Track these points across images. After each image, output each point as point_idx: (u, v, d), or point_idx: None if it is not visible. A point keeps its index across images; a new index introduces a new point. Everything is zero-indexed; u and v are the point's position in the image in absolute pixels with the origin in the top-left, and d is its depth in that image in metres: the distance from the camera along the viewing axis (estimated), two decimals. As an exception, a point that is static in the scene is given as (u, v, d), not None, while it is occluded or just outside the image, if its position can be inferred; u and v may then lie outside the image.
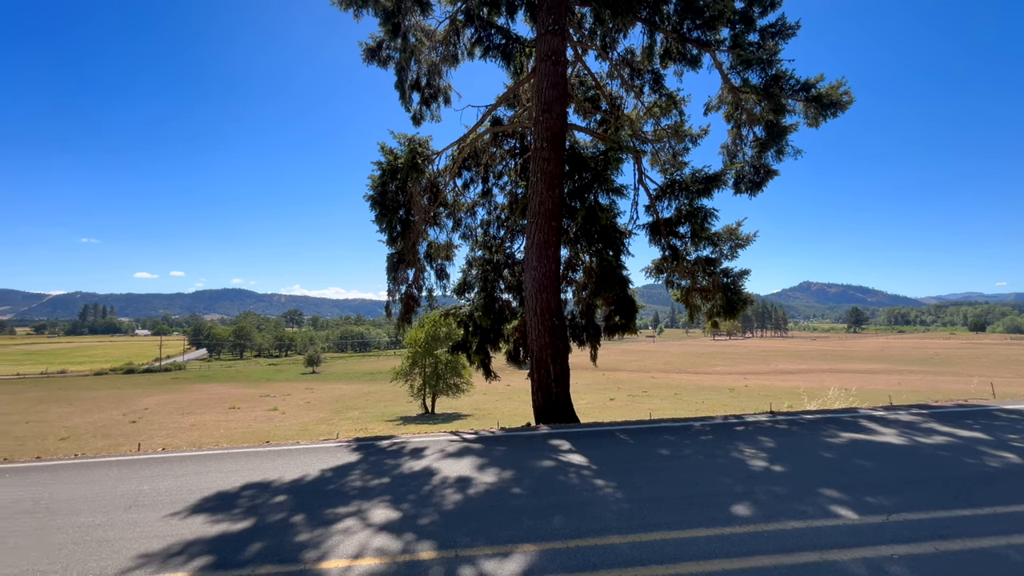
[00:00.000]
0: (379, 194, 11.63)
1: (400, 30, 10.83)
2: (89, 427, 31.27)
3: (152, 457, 7.04)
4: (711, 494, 4.70)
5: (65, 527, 4.41)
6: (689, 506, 4.41)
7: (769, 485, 4.88)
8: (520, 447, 6.68)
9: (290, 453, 6.84)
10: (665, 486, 4.95)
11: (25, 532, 4.36)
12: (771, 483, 4.94)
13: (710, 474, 5.31)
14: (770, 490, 4.74)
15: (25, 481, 6.02)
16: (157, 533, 4.22)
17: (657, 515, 4.22)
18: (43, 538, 4.21)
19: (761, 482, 4.98)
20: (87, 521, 4.55)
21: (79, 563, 3.70)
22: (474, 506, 4.58)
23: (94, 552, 3.87)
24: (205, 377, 75.75)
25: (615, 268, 11.99)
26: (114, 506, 4.92)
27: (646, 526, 4.01)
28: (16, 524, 4.56)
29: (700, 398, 40.13)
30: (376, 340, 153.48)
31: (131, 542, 4.05)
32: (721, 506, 4.39)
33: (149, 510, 4.78)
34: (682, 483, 5.03)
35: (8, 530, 4.41)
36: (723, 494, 4.68)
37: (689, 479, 5.15)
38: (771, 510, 4.27)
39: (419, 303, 12.73)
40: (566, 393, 10.12)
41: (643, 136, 13.04)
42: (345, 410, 37.86)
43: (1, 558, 3.85)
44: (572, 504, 4.55)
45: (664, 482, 5.08)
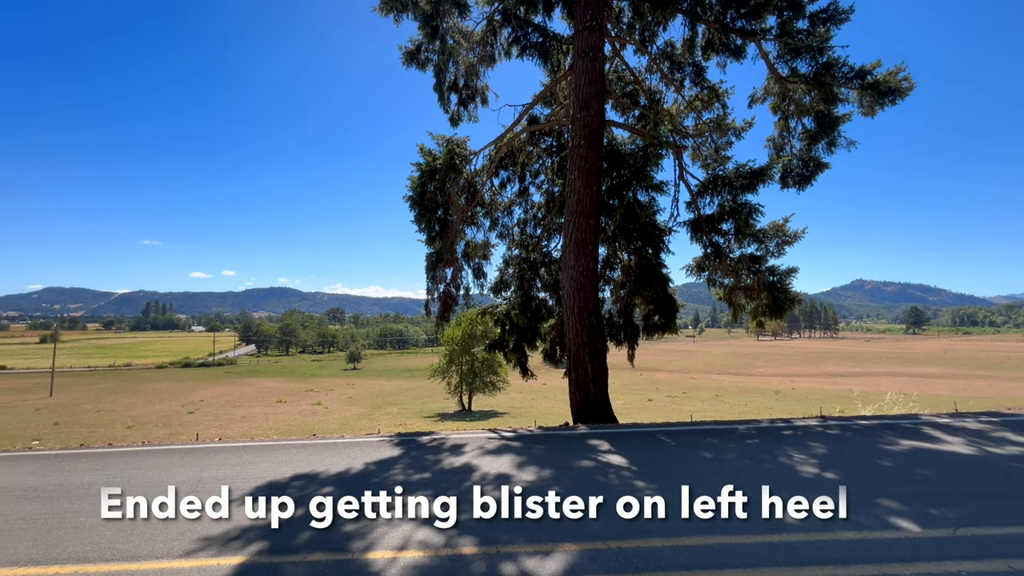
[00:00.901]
0: (418, 195, 11.88)
1: (438, 32, 11.00)
2: (151, 416, 33.48)
3: (210, 446, 7.47)
4: (758, 501, 4.53)
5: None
6: (734, 512, 4.27)
7: (821, 493, 4.67)
8: (559, 446, 6.68)
9: (335, 446, 7.10)
10: (709, 490, 4.81)
11: (100, 513, 4.72)
12: (822, 491, 4.72)
13: (755, 480, 5.12)
14: (822, 499, 4.53)
15: (100, 466, 6.53)
16: (216, 517, 4.47)
17: (700, 521, 4.12)
18: (114, 520, 4.54)
19: (812, 489, 4.77)
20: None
21: (148, 543, 3.98)
22: (513, 504, 4.61)
23: (162, 533, 4.15)
24: (254, 372, 79.51)
25: (654, 266, 11.77)
26: (178, 491, 5.26)
27: (689, 530, 3.92)
28: (91, 505, 4.95)
29: (743, 400, 38.80)
30: (414, 338, 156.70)
31: (193, 525, 4.32)
32: (771, 514, 4.23)
33: (208, 496, 5.08)
34: (726, 488, 4.87)
35: (83, 512, 4.80)
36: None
37: (733, 484, 4.99)
38: (823, 519, 4.08)
39: (457, 301, 12.92)
40: (604, 393, 10.02)
41: (684, 131, 12.71)
42: (385, 406, 38.87)
43: (74, 538, 4.18)
44: (612, 505, 4.50)
45: (708, 486, 4.93)
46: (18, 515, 4.77)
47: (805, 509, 4.29)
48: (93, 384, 59.36)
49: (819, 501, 4.46)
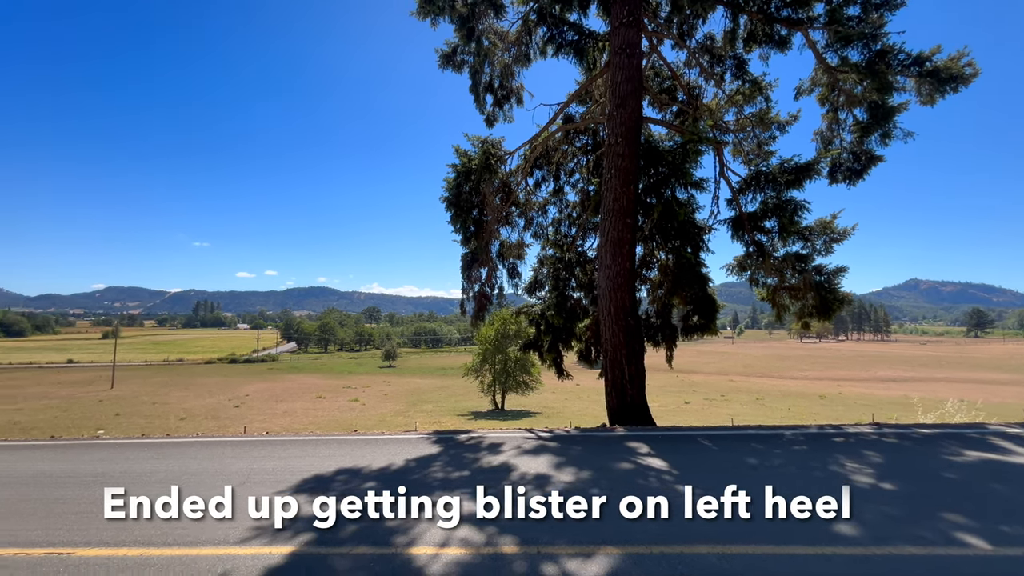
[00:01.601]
0: (454, 195, 12.02)
1: (474, 34, 11.08)
2: (202, 409, 35.26)
3: (258, 439, 7.80)
4: (808, 509, 4.35)
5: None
6: (783, 520, 4.12)
7: (878, 504, 4.44)
8: (597, 448, 6.61)
9: (376, 442, 7.28)
10: (755, 498, 4.66)
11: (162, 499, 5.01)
12: (880, 502, 4.49)
13: (805, 488, 4.91)
14: (879, 510, 4.31)
15: (159, 455, 6.92)
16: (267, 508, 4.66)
17: (748, 528, 3.99)
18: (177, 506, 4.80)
19: (868, 500, 4.55)
20: (210, 493, 5.13)
21: (207, 529, 4.19)
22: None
23: (219, 521, 4.36)
24: (295, 368, 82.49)
25: (693, 265, 11.48)
26: (232, 481, 5.51)
27: (735, 538, 3.81)
28: (155, 491, 5.25)
29: (785, 404, 37.34)
30: (448, 336, 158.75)
31: (246, 514, 4.52)
32: (821, 523, 4.06)
33: (260, 487, 5.31)
34: (774, 495, 4.70)
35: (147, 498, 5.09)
36: (822, 510, 4.32)
37: (781, 492, 4.80)
38: (882, 532, 3.88)
39: (491, 301, 12.99)
40: (642, 395, 9.85)
41: (724, 126, 12.34)
42: (419, 403, 39.55)
43: (138, 522, 4.44)
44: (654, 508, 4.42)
45: (753, 493, 4.77)
46: (87, 500, 5.11)
47: (862, 521, 4.09)
48: (149, 378, 63.08)
49: (875, 512, 4.25)
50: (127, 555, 3.78)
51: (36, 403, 39.35)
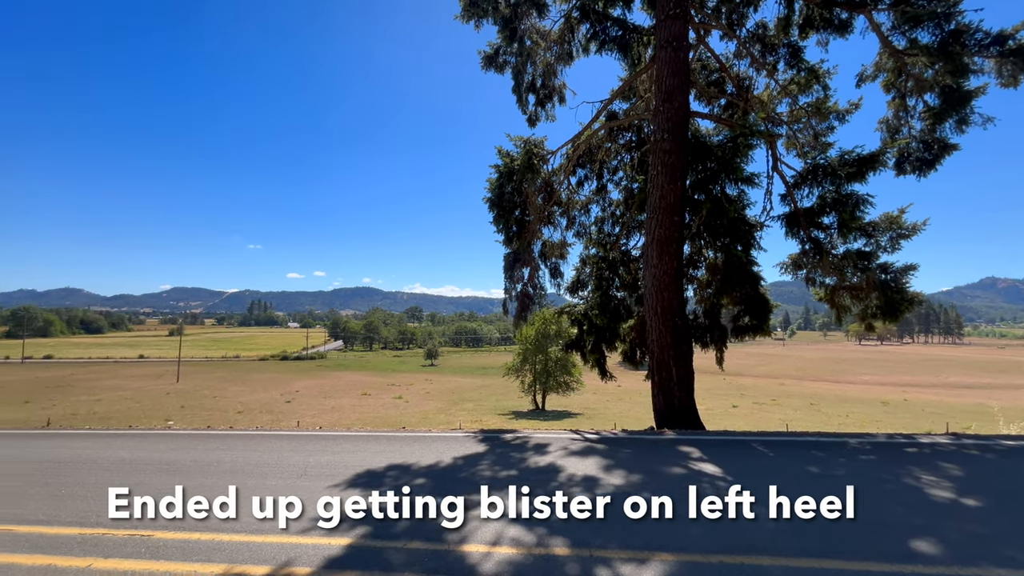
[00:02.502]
0: (496, 196, 12.09)
1: (516, 34, 11.11)
2: (257, 404, 37.16)
3: (312, 434, 8.13)
4: (880, 523, 4.09)
5: (257, 488, 5.28)
6: (852, 534, 3.88)
7: (960, 521, 4.11)
8: (646, 451, 6.47)
9: (424, 440, 7.43)
10: (819, 508, 4.42)
11: (229, 489, 5.30)
12: (963, 519, 4.15)
13: (876, 500, 4.62)
14: (963, 527, 3.99)
15: (223, 446, 7.35)
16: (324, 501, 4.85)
17: (813, 540, 3.79)
18: (241, 495, 5.08)
19: (948, 516, 4.21)
20: (271, 484, 5.40)
21: (271, 519, 4.40)
22: (603, 507, 4.53)
23: (281, 510, 4.57)
24: (342, 366, 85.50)
25: (744, 264, 11.04)
26: (289, 474, 5.78)
27: (800, 551, 3.61)
28: (222, 481, 5.58)
29: (842, 410, 35.28)
30: (488, 336, 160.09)
31: (306, 505, 4.71)
32: (896, 539, 3.79)
33: (316, 479, 5.53)
34: (840, 507, 4.44)
35: (215, 486, 5.41)
36: (897, 525, 4.04)
37: (849, 503, 4.53)
38: (967, 551, 3.58)
39: (534, 301, 12.98)
40: (690, 398, 9.57)
41: (777, 118, 11.79)
42: (461, 402, 40.07)
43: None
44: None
45: (817, 504, 4.53)
46: (163, 486, 5.47)
47: (943, 539, 3.79)
48: (210, 373, 67.14)
49: (958, 530, 3.93)
50: (200, 539, 4.02)
51: (112, 394, 42.75)
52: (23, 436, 8.95)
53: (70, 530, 4.30)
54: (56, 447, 7.74)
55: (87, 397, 40.73)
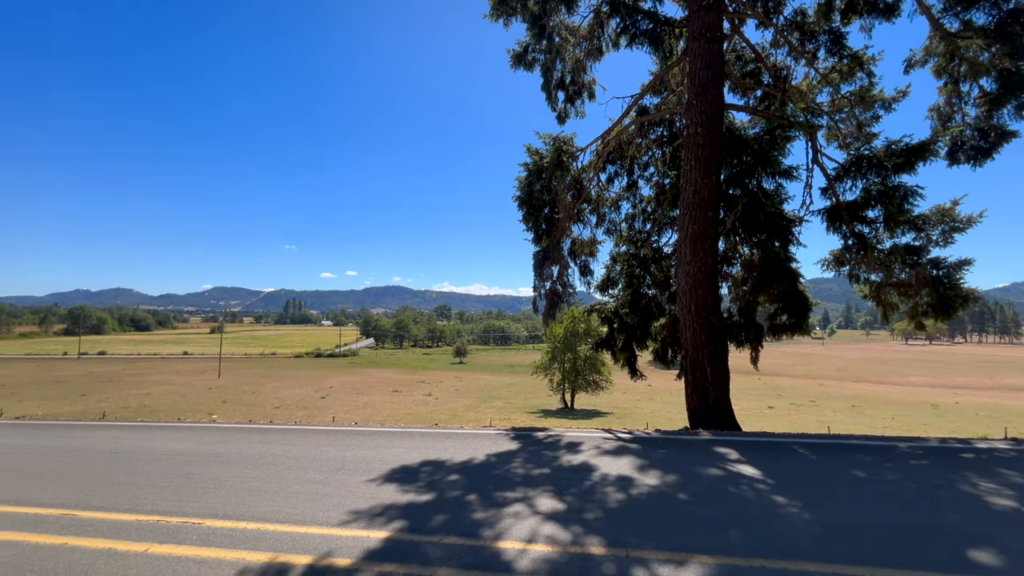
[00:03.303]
0: (525, 194, 12.09)
1: (545, 31, 11.06)
2: (292, 399, 38.35)
3: (348, 429, 8.34)
4: (935, 532, 3.88)
5: (297, 480, 5.46)
6: (905, 542, 3.70)
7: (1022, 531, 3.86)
8: (681, 451, 6.35)
9: (456, 436, 7.51)
10: (867, 514, 4.24)
11: (271, 480, 5.51)
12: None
13: (930, 507, 4.40)
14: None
15: (264, 439, 7.62)
16: (361, 494, 4.97)
17: (861, 547, 3.63)
18: (283, 487, 5.26)
19: (1010, 526, 3.97)
20: (311, 477, 5.57)
21: (311, 510, 4.55)
22: (639, 507, 4.48)
23: (320, 503, 4.72)
24: (373, 363, 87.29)
25: (782, 260, 10.67)
26: (327, 467, 5.95)
27: (848, 557, 3.47)
28: (264, 473, 5.80)
29: (887, 413, 33.70)
30: (516, 334, 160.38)
31: (344, 499, 4.84)
32: (952, 548, 3.60)
33: (353, 474, 5.67)
34: (890, 514, 4.25)
35: (258, 478, 5.62)
36: (953, 534, 3.83)
37: (899, 510, 4.33)
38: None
39: (563, 299, 12.92)
40: (725, 398, 9.34)
41: (817, 108, 11.35)
42: (489, 399, 40.27)
43: (254, 500, 4.91)
44: (749, 519, 4.17)
45: (865, 510, 4.35)
46: (211, 476, 5.74)
47: (1004, 549, 3.57)
48: (248, 369, 69.70)
49: (1021, 540, 3.70)
50: (246, 528, 4.19)
51: (160, 389, 44.97)
52: (82, 427, 9.53)
53: (128, 516, 4.54)
54: (112, 438, 8.20)
55: (137, 391, 42.99)
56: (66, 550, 3.88)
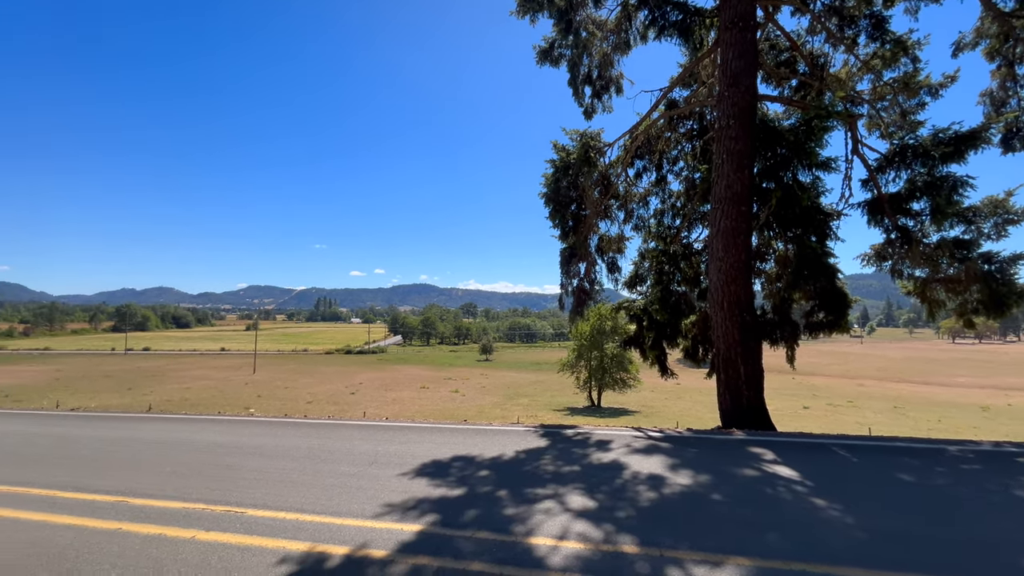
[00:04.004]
0: (552, 191, 12.03)
1: (572, 26, 10.97)
2: (324, 395, 39.36)
3: (379, 424, 8.51)
4: (987, 540, 3.69)
5: (332, 473, 5.61)
6: (956, 550, 3.53)
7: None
8: (714, 451, 6.22)
9: (485, 432, 7.56)
10: (915, 520, 4.06)
11: (308, 472, 5.67)
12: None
13: (982, 514, 4.18)
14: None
15: (299, 433, 7.85)
16: (394, 488, 5.07)
17: (909, 553, 3.48)
18: (319, 479, 5.42)
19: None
20: (345, 470, 5.71)
21: (346, 503, 4.66)
22: (672, 506, 4.42)
23: (355, 496, 4.83)
24: (401, 360, 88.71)
25: (819, 255, 10.28)
26: (361, 461, 6.09)
27: (895, 564, 3.34)
28: (301, 465, 5.98)
29: (933, 415, 32.14)
30: (541, 332, 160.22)
31: (377, 492, 4.95)
32: (1006, 559, 3.41)
33: (385, 468, 5.79)
34: (941, 520, 4.06)
35: (295, 470, 5.80)
36: (1006, 543, 3.63)
37: (951, 516, 4.14)
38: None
39: (591, 296, 12.81)
40: (759, 397, 9.10)
41: (857, 96, 10.90)
42: (516, 396, 40.36)
43: (292, 491, 5.06)
44: (787, 521, 4.05)
45: (913, 515, 4.17)
46: (252, 468, 5.95)
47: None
48: (281, 365, 71.93)
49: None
50: (286, 518, 4.33)
51: (200, 383, 46.90)
52: (130, 419, 10.03)
53: (175, 504, 4.76)
54: (158, 429, 8.60)
55: (178, 385, 44.94)
56: (120, 534, 4.10)
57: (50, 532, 4.19)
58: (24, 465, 6.39)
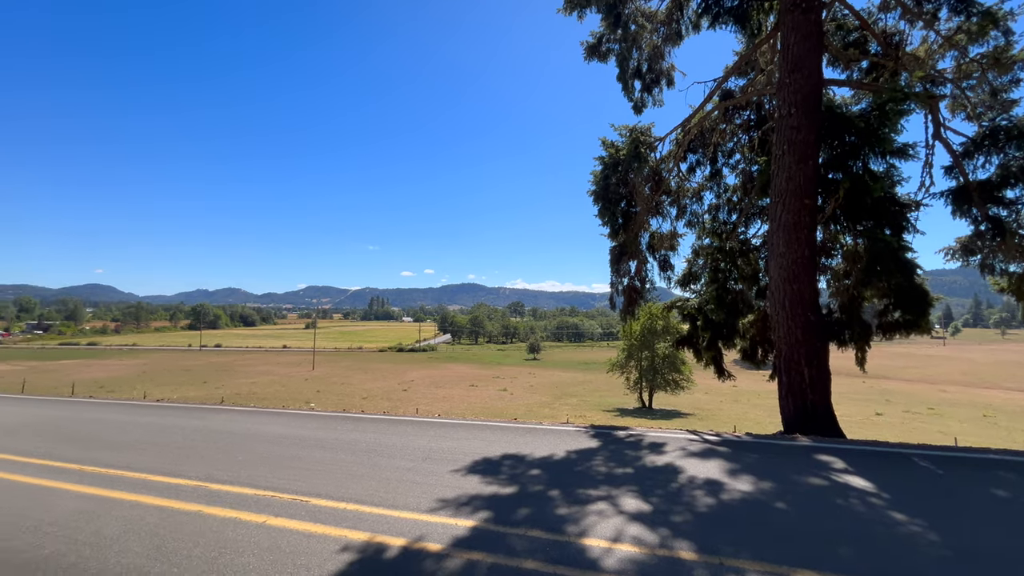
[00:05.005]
0: (601, 188, 11.86)
1: (621, 20, 10.75)
2: (378, 391, 40.81)
3: (432, 421, 8.72)
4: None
5: (388, 467, 5.82)
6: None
7: None
8: (777, 457, 5.92)
9: (535, 432, 7.58)
10: (1011, 542, 3.68)
11: (366, 466, 5.91)
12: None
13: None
14: None
15: (357, 428, 8.19)
16: (447, 483, 5.18)
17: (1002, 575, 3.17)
18: (376, 472, 5.63)
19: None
20: (401, 464, 5.90)
21: (403, 496, 4.82)
22: (731, 514, 4.24)
23: (411, 490, 4.98)
24: (450, 358, 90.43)
25: (894, 250, 9.50)
26: (415, 456, 6.27)
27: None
28: (359, 459, 6.23)
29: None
30: (590, 331, 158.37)
31: (431, 487, 5.08)
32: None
33: (439, 463, 5.93)
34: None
35: (354, 463, 6.05)
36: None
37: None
38: None
39: (642, 295, 12.52)
40: (826, 401, 8.56)
41: (939, 76, 10.00)
42: (564, 396, 40.11)
43: (352, 483, 5.29)
44: (861, 535, 3.78)
45: (1008, 536, 3.78)
46: (314, 460, 6.27)
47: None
48: (338, 362, 75.27)
49: None
50: (347, 508, 4.53)
51: (264, 378, 50.00)
52: (206, 411, 10.84)
53: (247, 490, 5.11)
54: (230, 421, 9.25)
55: (246, 380, 48.13)
56: (201, 516, 4.44)
57: (142, 511, 4.61)
58: (120, 450, 7.06)
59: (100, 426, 8.99)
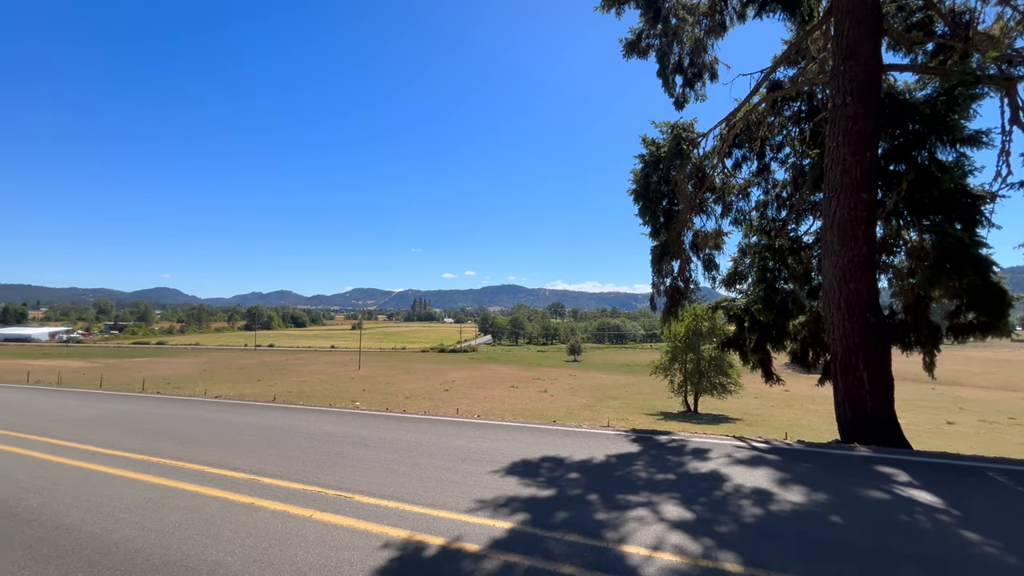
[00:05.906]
0: (641, 187, 11.63)
1: (660, 14, 10.49)
2: (420, 391, 41.67)
3: (471, 421, 8.81)
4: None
5: (429, 466, 5.92)
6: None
7: None
8: (832, 467, 5.58)
9: (575, 435, 7.50)
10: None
11: (407, 464, 6.05)
12: None
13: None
14: None
15: (400, 427, 8.39)
16: (485, 484, 5.21)
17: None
18: (417, 472, 5.74)
19: None
20: (440, 464, 6.00)
21: (442, 495, 4.89)
22: (780, 526, 4.04)
23: (450, 490, 5.05)
24: (491, 359, 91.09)
25: (966, 246, 8.77)
26: (455, 456, 6.35)
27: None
28: (401, 458, 6.38)
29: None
30: (631, 332, 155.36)
31: (470, 488, 5.12)
32: None
33: (477, 464, 5.98)
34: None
35: (396, 461, 6.20)
36: None
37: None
38: None
39: (685, 296, 12.16)
40: (887, 408, 8.00)
41: (1016, 56, 9.13)
42: (605, 399, 39.54)
43: (394, 481, 5.41)
44: (927, 554, 3.51)
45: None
46: (357, 457, 6.48)
47: None
48: (382, 362, 77.45)
49: None
50: (388, 506, 4.65)
51: (313, 377, 52.17)
52: (260, 408, 11.41)
53: (295, 484, 5.33)
54: (281, 417, 9.70)
55: (296, 378, 50.38)
56: (253, 508, 4.68)
57: (200, 501, 4.90)
58: (182, 443, 7.55)
59: (166, 420, 9.66)
